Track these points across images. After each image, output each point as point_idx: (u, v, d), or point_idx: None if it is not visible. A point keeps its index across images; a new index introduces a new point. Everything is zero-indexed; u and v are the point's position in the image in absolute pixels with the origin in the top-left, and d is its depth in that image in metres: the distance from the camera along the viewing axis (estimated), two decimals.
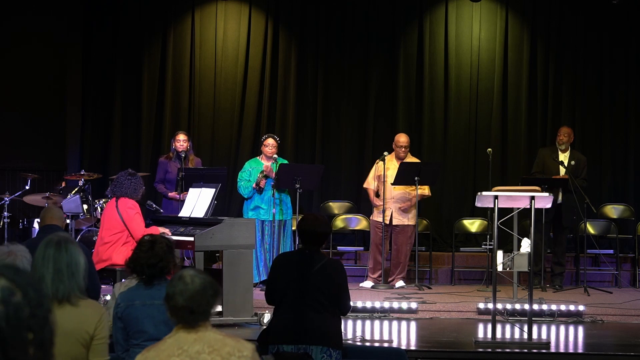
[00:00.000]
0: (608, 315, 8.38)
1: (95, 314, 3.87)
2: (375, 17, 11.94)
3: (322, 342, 4.92)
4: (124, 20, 12.03)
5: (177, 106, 11.95)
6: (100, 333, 3.88)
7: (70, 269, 3.82)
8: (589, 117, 11.74)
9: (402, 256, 9.93)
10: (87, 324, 3.82)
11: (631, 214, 11.21)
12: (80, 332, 3.81)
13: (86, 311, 3.85)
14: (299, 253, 5.20)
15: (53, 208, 6.21)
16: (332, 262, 5.13)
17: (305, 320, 4.92)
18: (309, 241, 5.08)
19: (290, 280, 4.98)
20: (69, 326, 3.77)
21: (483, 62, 11.86)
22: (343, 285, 5.06)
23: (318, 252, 5.10)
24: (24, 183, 10.45)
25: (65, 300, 3.79)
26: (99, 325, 3.86)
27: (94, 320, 3.85)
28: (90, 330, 3.83)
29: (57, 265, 3.80)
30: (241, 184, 9.68)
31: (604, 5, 11.53)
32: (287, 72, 11.94)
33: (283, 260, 5.28)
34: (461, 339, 7.22)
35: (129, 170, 7.92)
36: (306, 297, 4.95)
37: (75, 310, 3.80)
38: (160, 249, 4.46)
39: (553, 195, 7.52)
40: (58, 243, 3.84)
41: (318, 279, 4.96)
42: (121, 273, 7.43)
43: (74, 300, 3.81)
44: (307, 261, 5.02)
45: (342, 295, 5.06)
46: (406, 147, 10.02)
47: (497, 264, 7.10)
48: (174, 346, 3.28)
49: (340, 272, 5.09)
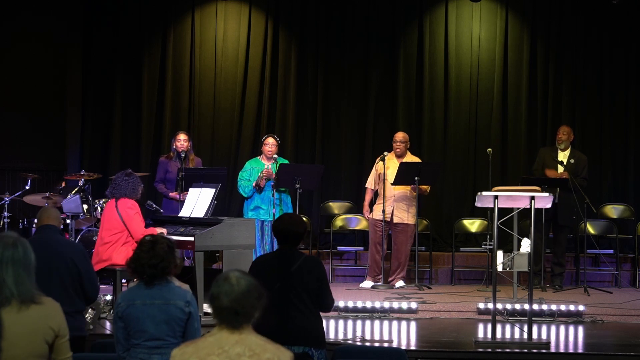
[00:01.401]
0: (608, 315, 8.38)
1: (57, 311, 3.87)
2: (375, 17, 11.93)
3: (305, 343, 4.92)
4: (124, 20, 12.03)
5: (177, 106, 11.95)
6: (64, 331, 3.87)
7: (27, 269, 3.80)
8: (589, 117, 11.74)
9: (402, 256, 9.93)
10: (52, 322, 3.82)
11: (631, 214, 11.21)
12: (46, 330, 3.80)
13: (50, 309, 3.84)
14: (276, 253, 5.20)
15: (50, 208, 6.13)
16: (310, 259, 5.12)
17: (287, 320, 4.92)
18: (285, 240, 5.10)
19: (271, 281, 4.96)
20: (36, 325, 3.77)
21: (483, 62, 11.86)
22: (323, 281, 5.06)
23: (296, 251, 5.11)
24: (24, 183, 10.45)
25: (29, 300, 3.77)
26: (62, 322, 3.86)
27: (58, 317, 3.85)
28: (55, 328, 3.83)
29: (16, 269, 3.77)
30: (241, 184, 9.69)
31: (604, 5, 11.54)
32: (287, 72, 11.94)
33: (262, 262, 5.26)
34: (461, 339, 7.22)
35: (126, 171, 7.91)
36: (288, 297, 4.95)
37: (39, 308, 3.80)
38: (161, 249, 4.45)
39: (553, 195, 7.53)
40: (14, 244, 3.81)
41: (298, 277, 4.97)
42: (121, 273, 7.43)
43: (37, 299, 3.80)
44: (285, 261, 5.03)
45: (323, 291, 5.05)
46: (401, 142, 10.02)
47: (497, 264, 7.10)
48: (214, 345, 3.29)
49: (319, 267, 5.08)
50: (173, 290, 4.47)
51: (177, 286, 4.55)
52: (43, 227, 5.66)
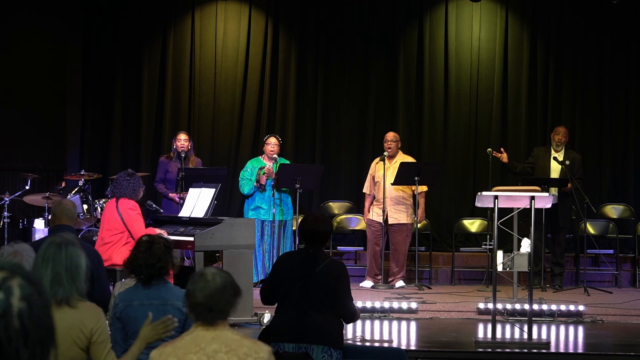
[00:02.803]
0: (608, 315, 8.38)
1: (92, 317, 3.86)
2: (375, 17, 11.93)
3: (323, 342, 4.92)
4: (124, 20, 12.03)
5: (177, 106, 11.95)
6: (99, 337, 3.86)
7: (70, 272, 3.80)
8: (589, 117, 11.74)
9: (400, 256, 9.93)
10: (83, 326, 3.81)
11: (631, 214, 11.20)
12: (77, 334, 3.80)
13: (84, 313, 3.84)
14: (302, 252, 5.18)
15: (65, 203, 5.71)
16: (335, 263, 5.11)
17: (307, 319, 4.92)
18: (311, 241, 5.08)
19: (293, 279, 4.98)
20: (65, 327, 3.76)
21: (483, 62, 11.86)
22: (346, 287, 5.03)
23: (321, 251, 5.10)
24: (24, 183, 10.45)
25: (64, 303, 3.78)
26: (96, 327, 3.85)
27: (91, 322, 3.84)
28: (87, 332, 3.82)
29: (56, 268, 3.78)
30: (242, 182, 9.69)
31: (604, 5, 11.54)
32: (287, 72, 11.94)
33: (286, 259, 5.28)
34: (461, 339, 7.22)
35: (127, 171, 7.91)
36: (309, 297, 4.94)
37: (72, 312, 3.80)
38: (158, 249, 4.46)
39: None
40: (59, 245, 3.82)
41: (321, 279, 4.96)
42: (121, 273, 7.43)
43: (72, 302, 3.80)
44: (310, 261, 5.02)
45: (345, 298, 5.01)
46: (392, 141, 10.03)
47: (497, 264, 7.10)
48: (191, 343, 3.29)
49: (343, 272, 5.07)
50: (170, 291, 4.47)
51: (174, 286, 4.55)
52: (58, 227, 5.45)
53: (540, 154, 10.11)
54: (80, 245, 3.94)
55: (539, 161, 10.02)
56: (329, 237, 5.12)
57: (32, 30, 11.54)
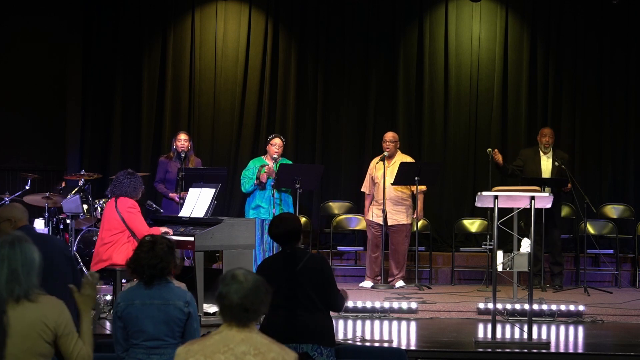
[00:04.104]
0: (608, 315, 8.38)
1: (55, 310, 3.87)
2: (375, 17, 11.93)
3: (312, 340, 4.92)
4: (124, 20, 12.03)
5: (177, 106, 11.95)
6: (65, 329, 3.86)
7: (26, 267, 3.82)
8: (589, 117, 11.73)
9: (400, 256, 9.93)
10: (47, 319, 3.82)
11: (631, 214, 11.21)
12: (42, 327, 3.81)
13: (45, 307, 3.85)
14: (281, 254, 5.17)
15: (16, 206, 5.42)
16: (315, 257, 5.11)
17: (296, 319, 4.92)
18: (285, 241, 5.09)
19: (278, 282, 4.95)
20: (29, 322, 3.78)
21: (483, 62, 11.86)
22: (329, 278, 5.04)
23: (300, 249, 5.10)
24: (24, 183, 10.45)
25: (23, 298, 3.80)
26: (60, 320, 3.85)
27: (54, 315, 3.85)
28: (51, 326, 3.83)
29: (12, 265, 3.80)
30: (244, 180, 9.69)
31: (604, 5, 11.54)
32: (287, 72, 11.93)
33: (267, 263, 5.24)
34: (461, 339, 7.22)
35: (127, 170, 7.92)
36: (297, 295, 4.94)
37: (34, 306, 3.81)
38: (160, 250, 4.46)
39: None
40: (12, 243, 3.85)
41: (305, 276, 4.96)
42: (121, 273, 7.43)
43: (32, 297, 3.82)
44: (291, 260, 5.02)
45: (330, 289, 5.04)
46: (391, 142, 10.02)
47: (497, 264, 7.10)
48: (220, 343, 3.30)
49: (324, 264, 5.07)
50: (172, 291, 4.47)
51: (176, 286, 4.55)
52: (22, 228, 5.14)
53: (529, 155, 10.10)
54: (31, 240, 3.94)
55: (529, 163, 10.01)
56: (300, 232, 5.11)
57: (32, 30, 11.55)
